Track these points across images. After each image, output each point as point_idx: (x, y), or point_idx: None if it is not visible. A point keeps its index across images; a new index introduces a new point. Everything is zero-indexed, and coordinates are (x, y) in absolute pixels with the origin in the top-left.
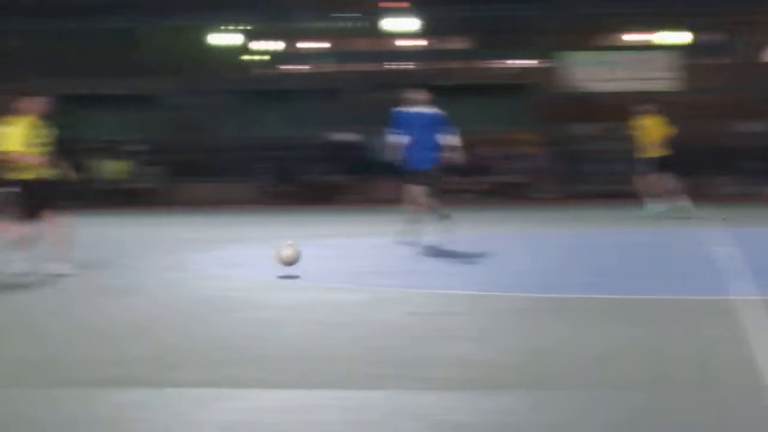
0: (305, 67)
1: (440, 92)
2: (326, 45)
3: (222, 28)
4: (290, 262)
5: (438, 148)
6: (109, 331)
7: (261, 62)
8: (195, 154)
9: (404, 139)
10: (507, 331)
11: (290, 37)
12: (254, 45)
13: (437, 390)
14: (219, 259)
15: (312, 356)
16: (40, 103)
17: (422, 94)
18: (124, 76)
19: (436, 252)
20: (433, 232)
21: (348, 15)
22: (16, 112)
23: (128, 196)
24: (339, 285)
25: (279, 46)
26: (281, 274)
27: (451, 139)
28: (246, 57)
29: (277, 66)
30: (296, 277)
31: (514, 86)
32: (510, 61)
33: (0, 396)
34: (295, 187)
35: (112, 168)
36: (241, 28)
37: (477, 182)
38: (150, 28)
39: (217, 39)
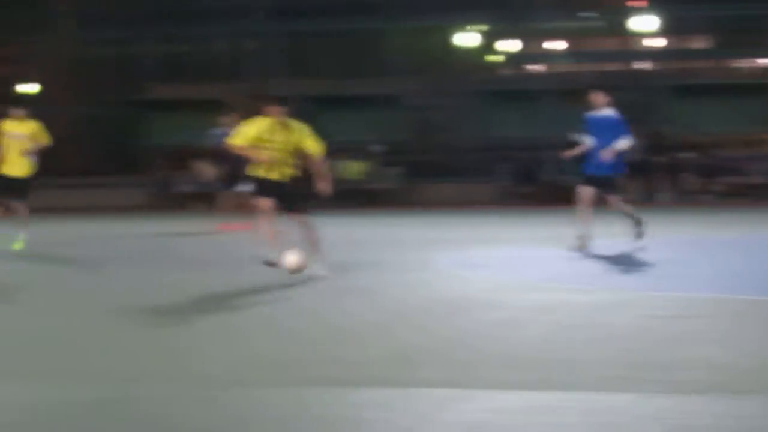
0: (546, 68)
1: (682, 92)
2: (567, 45)
3: (465, 28)
4: (295, 270)
5: (619, 152)
6: (352, 330)
7: (503, 62)
8: (435, 155)
9: (587, 142)
10: (749, 334)
11: (532, 37)
12: (496, 45)
13: (677, 393)
14: (461, 260)
15: (551, 358)
16: (277, 106)
17: (603, 97)
18: (367, 76)
19: (673, 254)
20: (631, 234)
21: (589, 15)
22: (262, 113)
23: (368, 197)
24: (577, 286)
25: (521, 46)
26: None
27: (622, 143)
28: (488, 57)
29: (518, 66)
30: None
31: (758, 86)
32: (754, 60)
33: (247, 395)
34: (536, 188)
35: (352, 169)
36: (483, 28)
37: (717, 183)
38: (393, 29)
39: (460, 39)
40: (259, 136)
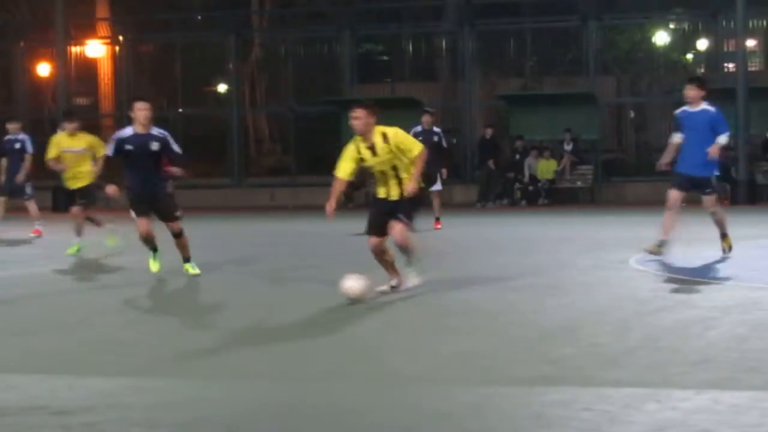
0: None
1: None
2: (763, 43)
3: (662, 26)
4: (354, 299)
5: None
6: (547, 329)
7: (698, 60)
8: (628, 153)
9: (676, 140)
10: None
11: (728, 36)
12: (692, 43)
13: None
14: (654, 259)
15: (743, 357)
16: (355, 110)
17: (693, 91)
18: (561, 75)
19: None
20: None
21: None
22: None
23: (560, 195)
24: None
25: (717, 44)
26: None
27: (720, 139)
28: (684, 56)
29: (714, 64)
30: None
31: None
32: None
33: (444, 392)
34: (729, 187)
35: (544, 167)
36: (680, 26)
37: None
38: (589, 27)
39: (656, 37)
40: (355, 159)
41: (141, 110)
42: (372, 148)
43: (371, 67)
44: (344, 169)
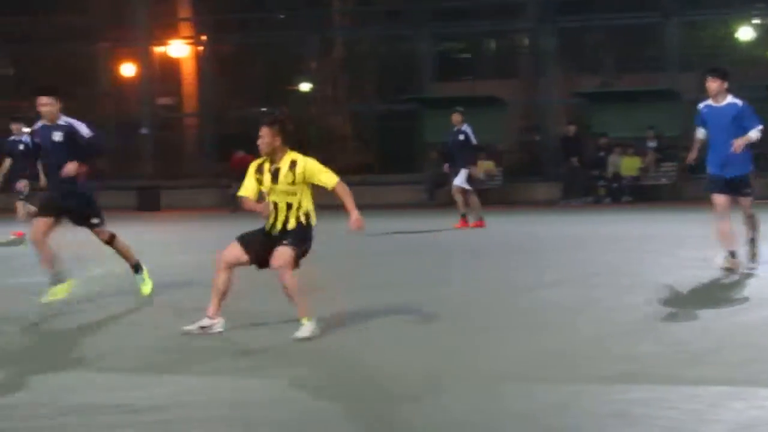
0: None
1: None
2: None
3: (744, 22)
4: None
5: (746, 150)
6: (629, 326)
7: None
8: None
9: (701, 135)
10: None
11: None
12: None
13: None
14: (739, 256)
15: None
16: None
17: (716, 83)
18: (643, 72)
19: None
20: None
21: None
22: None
23: (643, 193)
24: None
25: None
26: None
27: (751, 134)
28: (767, 51)
29: None
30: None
31: None
32: None
33: (526, 390)
34: None
35: (627, 164)
36: (762, 22)
37: None
38: (670, 23)
39: (739, 33)
40: (255, 178)
41: (42, 105)
42: (275, 174)
43: (452, 65)
44: (247, 187)
